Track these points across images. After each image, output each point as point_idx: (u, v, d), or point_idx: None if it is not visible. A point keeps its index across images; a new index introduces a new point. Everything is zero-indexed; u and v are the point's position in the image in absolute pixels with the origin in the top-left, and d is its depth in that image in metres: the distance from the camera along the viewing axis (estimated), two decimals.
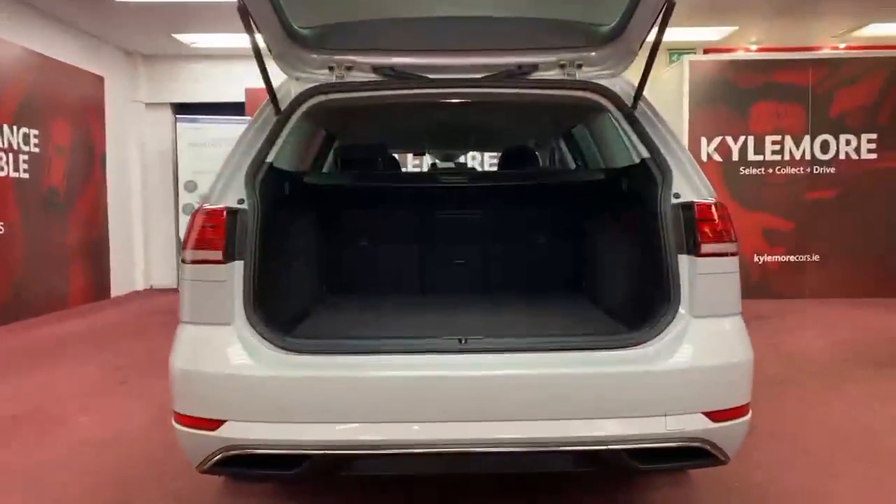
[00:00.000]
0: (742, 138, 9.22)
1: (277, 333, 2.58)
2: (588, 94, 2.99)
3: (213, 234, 2.55)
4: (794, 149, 9.24)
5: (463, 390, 2.48)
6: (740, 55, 10.82)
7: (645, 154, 2.88)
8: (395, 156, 6.38)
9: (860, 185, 9.14)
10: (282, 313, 3.06)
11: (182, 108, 11.39)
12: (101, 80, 10.03)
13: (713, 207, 2.65)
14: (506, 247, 4.27)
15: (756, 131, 9.21)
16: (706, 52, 11.19)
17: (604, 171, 3.76)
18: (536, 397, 2.46)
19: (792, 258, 9.25)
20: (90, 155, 9.82)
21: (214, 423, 2.44)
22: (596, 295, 3.84)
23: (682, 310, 2.59)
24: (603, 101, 2.99)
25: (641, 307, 2.90)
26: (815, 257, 9.26)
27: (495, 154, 8.36)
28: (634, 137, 2.91)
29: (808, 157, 9.19)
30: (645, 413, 2.45)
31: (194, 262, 2.58)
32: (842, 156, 9.17)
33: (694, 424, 2.46)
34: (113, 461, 3.72)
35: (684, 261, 2.63)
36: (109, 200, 10.21)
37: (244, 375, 2.47)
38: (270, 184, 2.93)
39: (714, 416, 2.47)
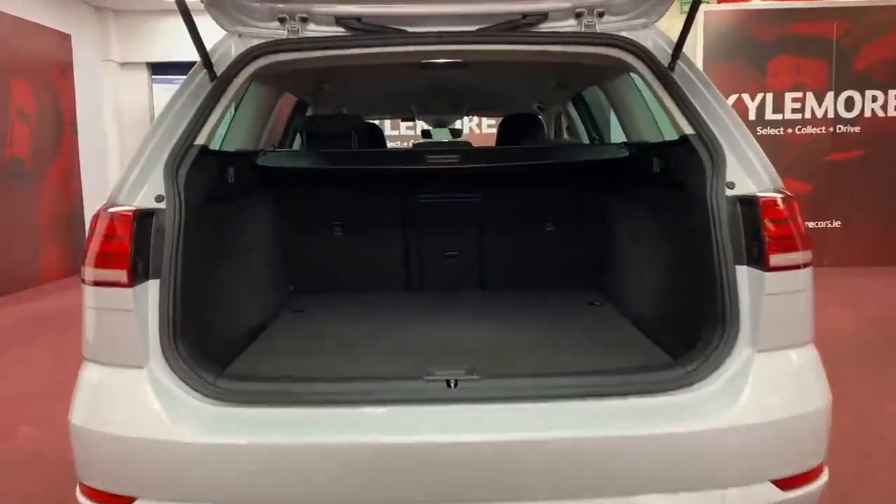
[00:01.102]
0: (760, 96, 8.60)
1: (208, 374, 1.99)
2: (613, 52, 2.36)
3: (117, 248, 1.94)
4: (815, 107, 8.61)
5: (450, 464, 1.89)
6: (758, 4, 10.05)
7: (687, 129, 2.26)
8: (378, 123, 5.68)
9: (887, 146, 8.52)
10: (222, 338, 2.52)
11: (159, 68, 10.78)
12: (66, 37, 9.30)
13: (782, 203, 2.04)
14: (506, 235, 3.62)
15: (775, 88, 8.58)
16: (721, 1, 10.43)
17: (630, 147, 3.12)
18: (551, 469, 1.88)
19: (811, 224, 8.65)
20: (58, 120, 9.14)
21: (124, 501, 1.85)
22: (617, 296, 3.23)
23: (741, 340, 1.99)
24: (631, 59, 2.35)
25: (681, 325, 2.35)
26: (837, 223, 8.70)
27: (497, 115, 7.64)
28: (672, 106, 2.29)
29: (830, 115, 8.57)
30: (696, 485, 1.87)
31: (96, 283, 1.96)
32: (867, 113, 8.54)
33: (761, 498, 1.87)
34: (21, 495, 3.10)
35: (744, 275, 2.03)
36: (83, 169, 9.55)
37: (158, 440, 1.88)
38: (204, 172, 2.33)
39: (785, 483, 1.90)
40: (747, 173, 2.12)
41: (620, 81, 3.25)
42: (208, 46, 2.34)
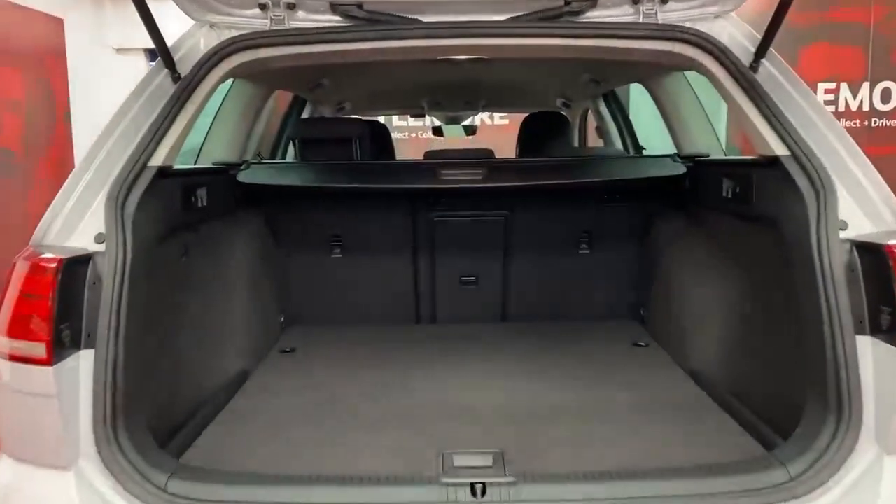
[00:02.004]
0: None
1: (159, 473, 1.54)
2: (681, 48, 1.88)
3: (36, 310, 1.48)
4: (850, 98, 8.01)
5: None
6: None
7: (778, 149, 1.77)
8: (384, 122, 5.15)
9: None
10: (187, 405, 2.11)
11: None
12: (58, 22, 8.83)
13: None
14: (533, 258, 3.12)
15: (807, 78, 7.97)
16: None
17: (685, 161, 2.63)
18: None
19: None
20: (51, 109, 8.68)
21: None
22: (668, 339, 2.74)
23: (863, 436, 1.52)
24: (704, 58, 1.88)
25: (770, 400, 1.92)
26: None
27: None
28: (757, 118, 1.81)
29: (865, 107, 7.98)
30: None
31: (11, 357, 1.50)
32: None
33: None
34: None
35: (867, 349, 1.55)
36: (77, 160, 9.09)
37: None
38: (162, 200, 1.88)
39: None
40: (863, 210, 1.64)
41: (671, 79, 2.75)
42: (172, 39, 1.87)
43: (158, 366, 1.97)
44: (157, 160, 1.80)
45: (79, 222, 1.64)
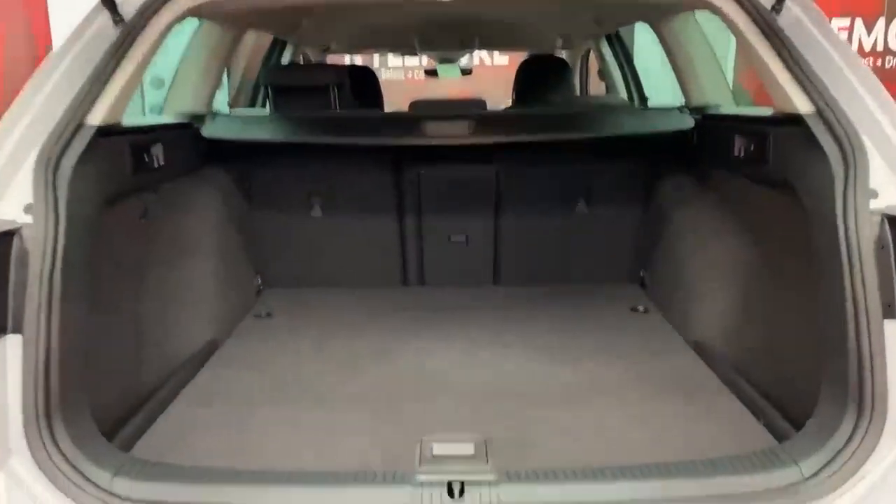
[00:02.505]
0: None
1: (103, 468, 1.39)
2: None
3: None
4: (864, 36, 7.71)
5: None
6: None
7: (802, 106, 1.56)
8: (379, 62, 4.85)
9: None
10: (144, 384, 1.95)
11: None
12: None
13: None
14: (527, 217, 2.91)
15: None
16: None
17: (693, 113, 2.40)
18: None
19: None
20: (32, 51, 8.34)
21: None
22: (669, 306, 2.57)
23: (888, 432, 1.36)
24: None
25: (779, 380, 1.77)
26: None
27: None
28: (779, 69, 1.59)
29: (880, 46, 7.66)
30: None
31: None
32: None
33: None
34: None
35: (894, 333, 1.36)
36: None
37: None
38: (104, 162, 1.68)
39: None
40: None
41: (680, 21, 2.50)
42: None
43: (110, 344, 1.80)
44: (97, 117, 1.59)
45: (3, 191, 1.44)
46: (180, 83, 2.56)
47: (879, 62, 7.75)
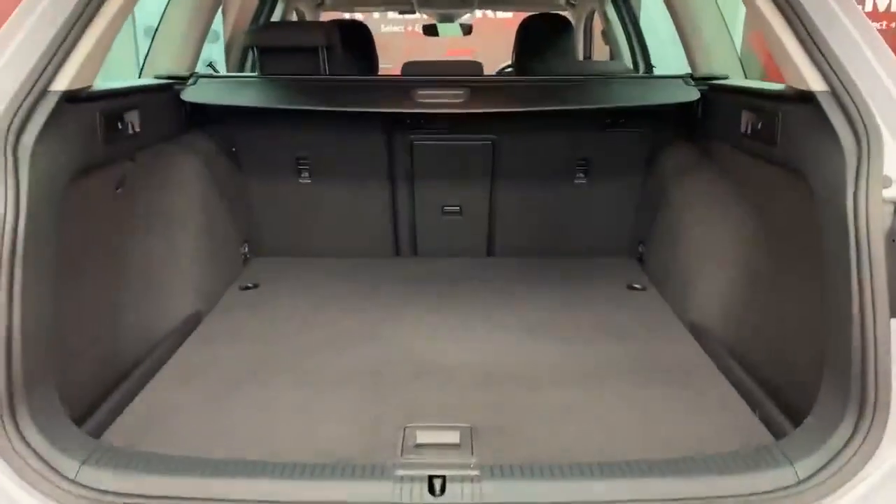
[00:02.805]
0: None
1: (70, 459, 1.33)
2: None
3: None
4: None
5: None
6: None
7: (814, 83, 1.46)
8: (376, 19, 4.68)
9: None
10: (120, 363, 1.88)
11: None
12: None
13: None
14: (523, 187, 2.82)
15: None
16: None
17: (699, 83, 2.29)
18: None
19: None
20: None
21: None
22: (665, 284, 2.49)
23: (888, 436, 1.30)
24: None
25: (776, 371, 1.70)
26: None
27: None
28: (789, 40, 1.50)
29: (894, 7, 7.44)
30: None
31: None
32: None
33: None
34: None
35: None
36: None
37: None
38: (71, 133, 1.58)
39: None
40: None
41: None
42: None
43: (84, 322, 1.73)
44: (63, 82, 1.48)
45: None
46: (161, 42, 2.45)
47: (894, 24, 7.57)
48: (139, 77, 2.47)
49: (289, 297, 2.50)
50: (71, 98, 1.53)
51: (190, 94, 2.38)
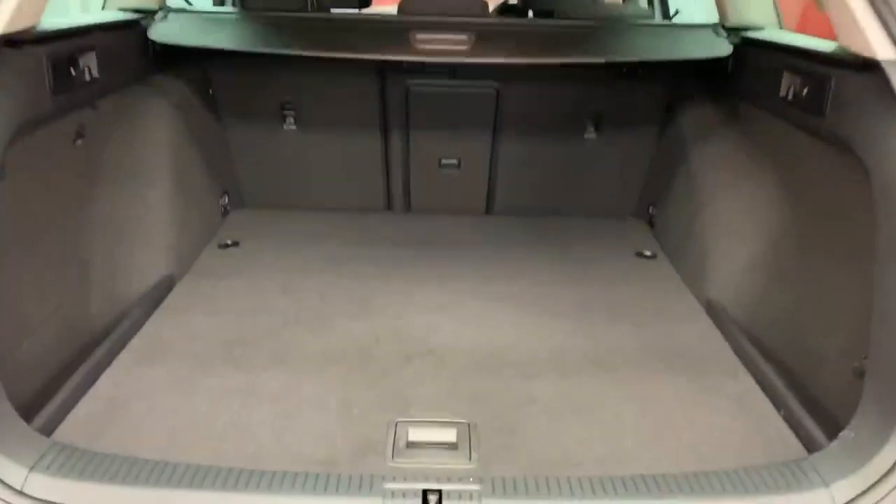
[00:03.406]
0: None
1: (16, 464, 1.19)
2: None
3: None
4: None
5: None
6: None
7: (881, 49, 1.26)
8: None
9: None
10: (78, 338, 1.71)
11: None
12: None
13: None
14: (527, 141, 2.60)
15: None
16: None
17: (730, 36, 2.07)
18: None
19: None
20: None
21: None
22: (679, 255, 2.32)
23: None
24: None
25: (810, 370, 1.56)
26: None
27: None
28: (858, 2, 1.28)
29: None
30: None
31: None
32: None
33: None
34: None
35: None
36: None
37: None
38: (16, 79, 1.38)
39: None
40: None
41: None
42: None
43: (42, 295, 1.55)
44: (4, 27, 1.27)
45: None
46: None
47: None
48: (103, 10, 2.22)
49: (270, 258, 2.31)
50: (10, 41, 1.32)
51: (159, 32, 2.14)
